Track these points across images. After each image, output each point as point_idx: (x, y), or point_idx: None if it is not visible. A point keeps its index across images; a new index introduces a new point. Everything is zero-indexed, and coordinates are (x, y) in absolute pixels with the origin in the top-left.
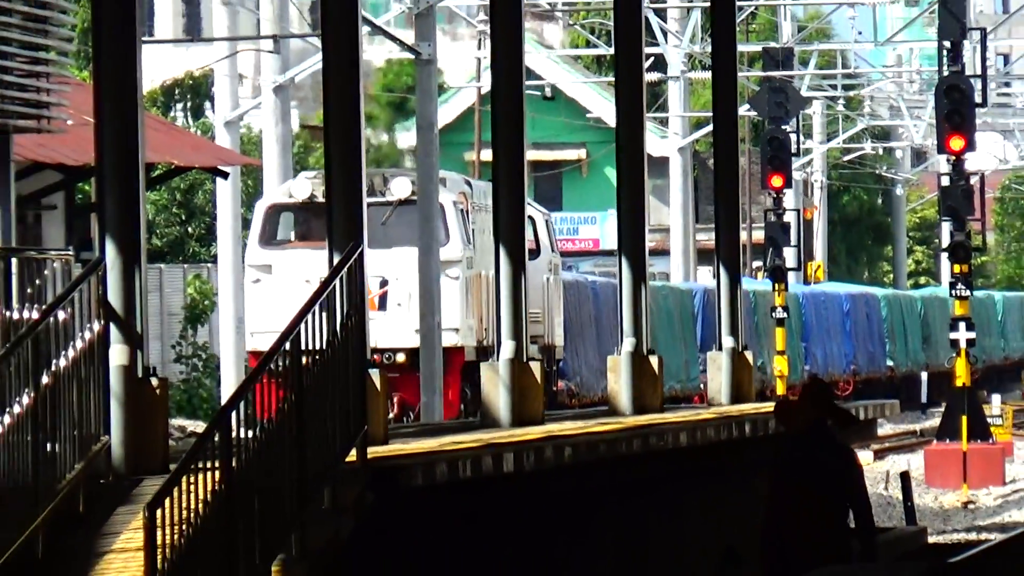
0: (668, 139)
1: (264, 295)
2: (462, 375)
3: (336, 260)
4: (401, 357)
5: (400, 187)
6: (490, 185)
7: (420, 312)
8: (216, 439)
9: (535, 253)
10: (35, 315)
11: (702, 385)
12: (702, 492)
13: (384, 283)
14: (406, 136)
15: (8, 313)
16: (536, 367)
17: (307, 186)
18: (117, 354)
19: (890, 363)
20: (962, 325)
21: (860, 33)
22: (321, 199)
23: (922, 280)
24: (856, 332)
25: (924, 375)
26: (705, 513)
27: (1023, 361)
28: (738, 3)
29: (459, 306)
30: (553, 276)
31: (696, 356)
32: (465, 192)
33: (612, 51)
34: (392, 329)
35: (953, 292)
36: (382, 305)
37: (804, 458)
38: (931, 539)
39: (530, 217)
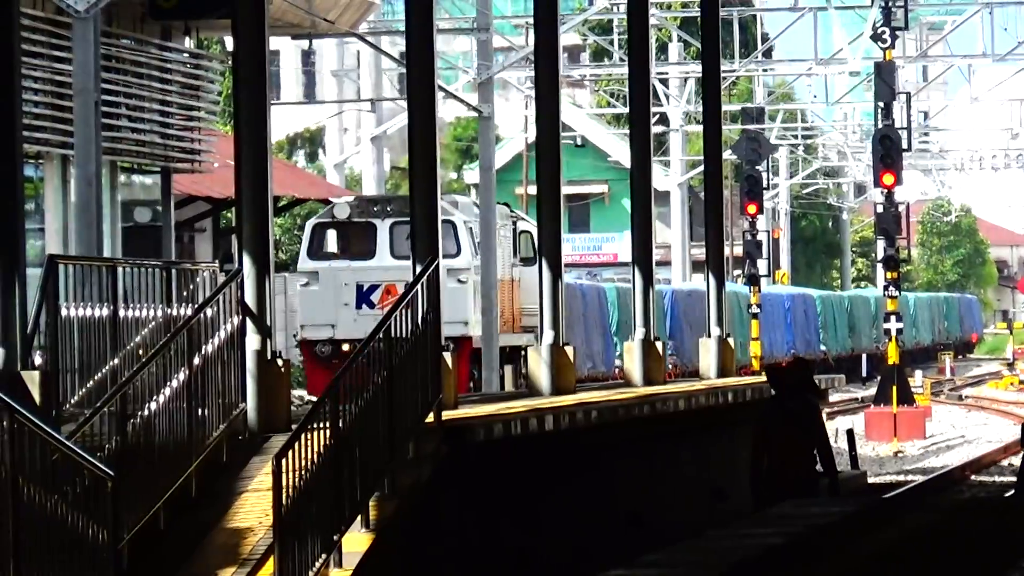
0: (670, 177)
1: (311, 296)
2: (470, 359)
3: (419, 270)
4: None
5: None
6: (498, 207)
7: (482, 307)
8: (326, 406)
9: (532, 261)
10: (189, 312)
11: (670, 365)
12: (695, 444)
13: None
14: (470, 175)
15: (169, 310)
16: (570, 350)
17: (346, 209)
18: (251, 342)
19: (823, 348)
20: (893, 318)
21: (815, 96)
22: (357, 219)
23: (862, 284)
24: (795, 324)
25: (864, 356)
26: (697, 460)
27: (929, 347)
28: (723, 73)
29: (468, 304)
30: None
31: (665, 343)
32: (475, 213)
33: (627, 110)
34: None
35: (886, 293)
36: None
37: (785, 413)
38: (870, 480)
39: (527, 231)
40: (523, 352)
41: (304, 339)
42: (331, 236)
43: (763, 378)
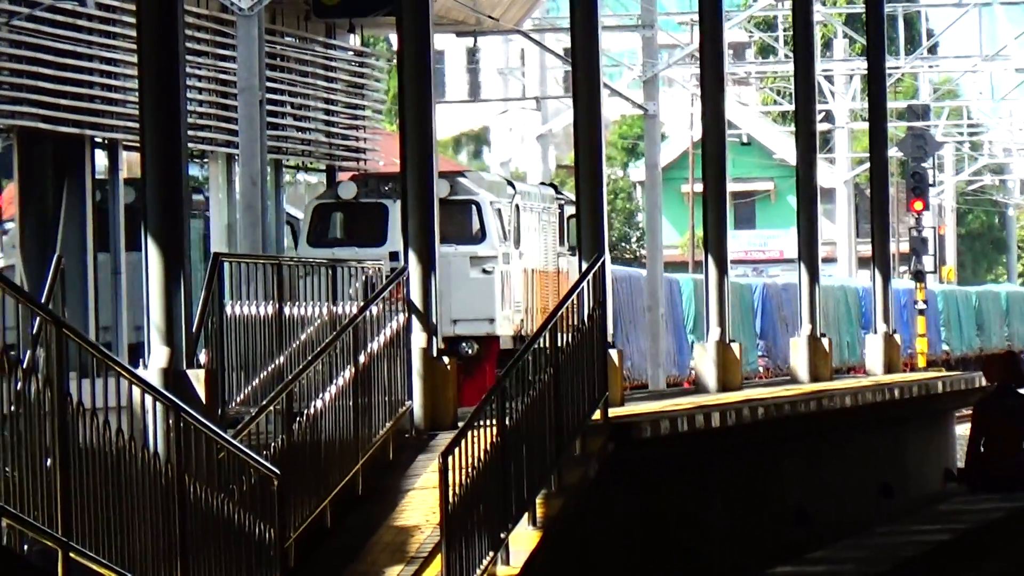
0: (835, 174)
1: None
2: (497, 361)
3: (584, 267)
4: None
5: (439, 189)
6: (537, 188)
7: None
8: (493, 403)
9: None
10: (355, 310)
11: (760, 367)
12: (862, 440)
13: None
14: (636, 172)
15: (335, 308)
16: (736, 347)
17: (352, 188)
18: (417, 339)
19: (945, 347)
20: None
21: (981, 93)
22: (364, 200)
23: None
24: (911, 321)
25: None
26: (864, 456)
27: None
28: (887, 70)
29: (495, 298)
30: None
31: (755, 342)
32: (507, 193)
33: (793, 107)
34: None
35: None
36: None
37: (1000, 405)
38: None
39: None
40: None
41: None
42: (336, 220)
43: (928, 374)
